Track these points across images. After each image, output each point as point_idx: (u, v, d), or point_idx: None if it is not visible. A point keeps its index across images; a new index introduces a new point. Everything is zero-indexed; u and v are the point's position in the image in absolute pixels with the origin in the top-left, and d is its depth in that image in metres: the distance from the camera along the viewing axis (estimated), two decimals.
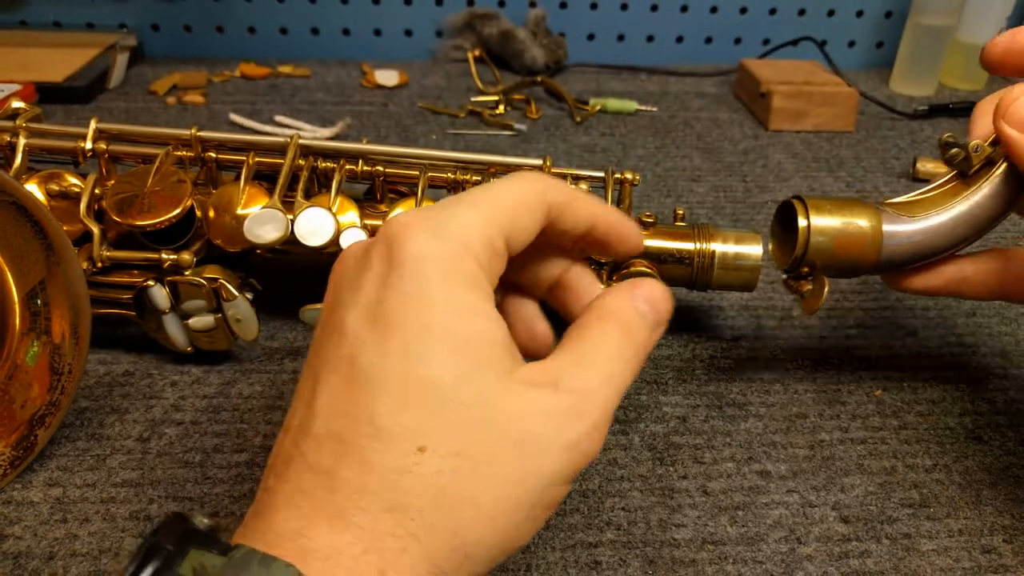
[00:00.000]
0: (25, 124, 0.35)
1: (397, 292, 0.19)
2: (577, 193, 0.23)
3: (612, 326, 0.22)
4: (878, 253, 0.28)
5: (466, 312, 0.19)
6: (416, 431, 0.18)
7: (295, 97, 0.67)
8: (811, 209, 0.28)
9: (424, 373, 0.19)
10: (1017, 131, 0.26)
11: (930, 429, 0.33)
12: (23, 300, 0.29)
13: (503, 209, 0.21)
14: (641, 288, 0.23)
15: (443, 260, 0.19)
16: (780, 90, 0.63)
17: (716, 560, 0.26)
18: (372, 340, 0.19)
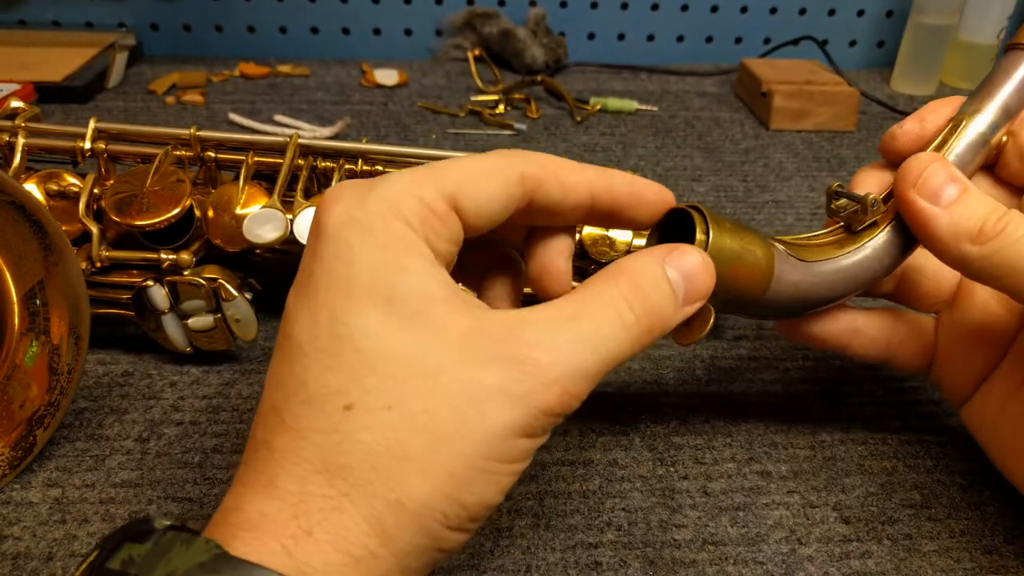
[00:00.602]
0: (24, 124, 0.35)
1: (321, 260, 0.19)
2: (564, 162, 0.22)
3: (620, 283, 0.21)
4: (765, 290, 0.25)
5: (389, 269, 0.19)
6: (342, 391, 0.18)
7: (294, 96, 0.67)
8: (712, 224, 0.23)
9: (347, 333, 0.19)
10: (928, 202, 0.24)
11: (931, 429, 0.33)
12: (22, 300, 0.28)
13: (448, 172, 0.21)
14: (677, 253, 0.22)
15: (365, 221, 0.19)
16: (781, 89, 0.63)
17: (717, 561, 0.26)
18: (302, 311, 0.19)
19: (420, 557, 0.18)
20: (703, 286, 0.22)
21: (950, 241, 0.24)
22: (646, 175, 0.55)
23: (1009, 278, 0.23)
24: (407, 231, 0.20)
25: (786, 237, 0.27)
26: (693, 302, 0.22)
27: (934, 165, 0.24)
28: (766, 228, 0.49)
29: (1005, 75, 0.26)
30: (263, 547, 0.17)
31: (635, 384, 0.35)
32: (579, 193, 0.22)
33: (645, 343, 0.21)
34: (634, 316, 0.21)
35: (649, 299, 0.21)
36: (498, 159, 0.22)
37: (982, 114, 0.26)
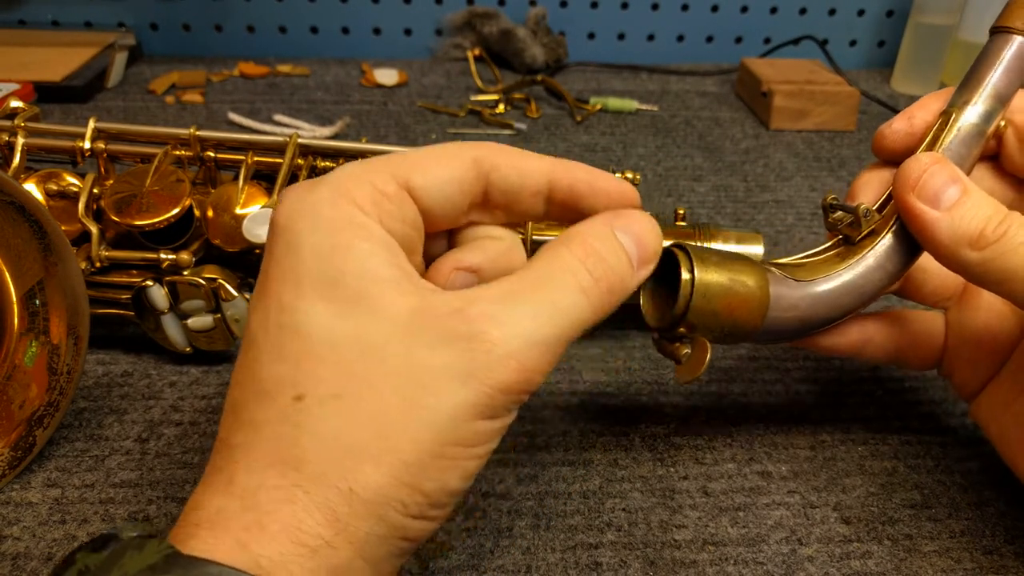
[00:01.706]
0: (23, 123, 0.35)
1: (271, 254, 0.19)
2: (522, 152, 0.22)
3: (573, 248, 0.20)
4: (763, 318, 0.24)
5: (336, 251, 0.19)
6: (293, 381, 0.18)
7: (294, 96, 0.67)
8: (696, 261, 0.24)
9: (292, 322, 0.18)
10: (927, 205, 0.23)
11: (932, 429, 0.33)
12: (21, 300, 0.28)
13: (400, 158, 0.20)
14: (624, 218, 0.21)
15: (313, 208, 0.19)
16: (781, 89, 0.62)
17: (717, 561, 0.26)
18: (256, 306, 0.19)
19: (382, 546, 0.18)
20: (652, 248, 0.22)
21: (950, 246, 0.23)
22: (646, 175, 0.55)
23: (1009, 283, 0.23)
24: (355, 212, 0.19)
25: (784, 259, 0.26)
26: (646, 264, 0.22)
27: (934, 167, 0.24)
28: (766, 228, 0.49)
29: (992, 60, 0.25)
30: (218, 543, 0.17)
31: (635, 384, 0.35)
32: (536, 179, 0.22)
33: (605, 306, 0.20)
34: (592, 278, 0.20)
35: (605, 260, 0.20)
36: (450, 146, 0.21)
37: (974, 104, 0.25)
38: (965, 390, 0.29)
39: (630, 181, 0.36)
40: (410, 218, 0.20)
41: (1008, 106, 0.25)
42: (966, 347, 0.29)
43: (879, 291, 0.26)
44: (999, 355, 0.28)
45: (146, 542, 0.17)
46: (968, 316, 0.29)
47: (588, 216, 0.22)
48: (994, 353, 0.28)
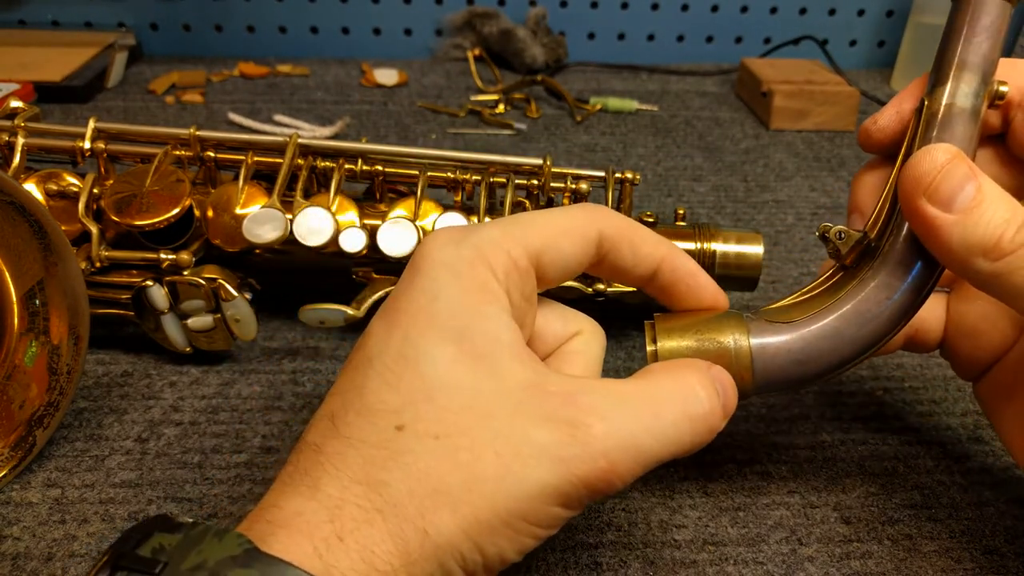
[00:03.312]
0: (23, 123, 0.35)
1: (409, 289, 0.20)
2: (642, 232, 0.23)
3: (687, 377, 0.21)
4: (751, 372, 0.23)
5: (469, 310, 0.20)
6: (397, 410, 0.19)
7: (294, 96, 0.67)
8: (659, 332, 0.23)
9: (415, 356, 0.19)
10: (939, 209, 0.21)
11: (932, 429, 0.33)
12: (21, 300, 0.28)
13: (535, 229, 0.22)
14: (717, 369, 0.22)
15: (455, 264, 0.20)
16: (781, 89, 0.62)
17: (717, 561, 0.26)
18: (380, 330, 0.20)
19: None
20: (732, 403, 0.22)
21: (960, 253, 0.21)
22: (647, 175, 0.55)
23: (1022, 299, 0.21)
24: (491, 280, 0.20)
25: (779, 302, 0.24)
26: (727, 417, 0.22)
27: (952, 163, 0.21)
28: (766, 228, 0.49)
29: (960, 30, 0.23)
30: (296, 546, 0.17)
31: None
32: (648, 264, 0.23)
33: (699, 442, 0.20)
34: (702, 409, 0.20)
35: (711, 399, 0.21)
36: (580, 218, 0.22)
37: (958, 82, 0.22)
38: (966, 373, 0.28)
39: (630, 181, 0.36)
40: (528, 292, 0.22)
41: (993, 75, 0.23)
42: (967, 331, 0.27)
43: (897, 313, 0.23)
44: (1000, 341, 0.27)
45: (226, 532, 0.17)
46: (969, 301, 0.27)
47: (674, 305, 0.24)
48: (995, 339, 0.27)
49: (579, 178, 0.36)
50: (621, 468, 0.19)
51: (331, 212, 0.33)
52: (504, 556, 0.19)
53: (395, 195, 0.37)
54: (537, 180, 0.36)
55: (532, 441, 0.18)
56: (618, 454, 0.19)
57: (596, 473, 0.18)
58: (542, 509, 0.18)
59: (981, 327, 0.27)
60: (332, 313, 0.32)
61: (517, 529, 0.18)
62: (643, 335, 0.38)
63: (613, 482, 0.19)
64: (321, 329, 0.37)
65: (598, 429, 0.19)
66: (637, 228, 0.23)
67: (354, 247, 0.33)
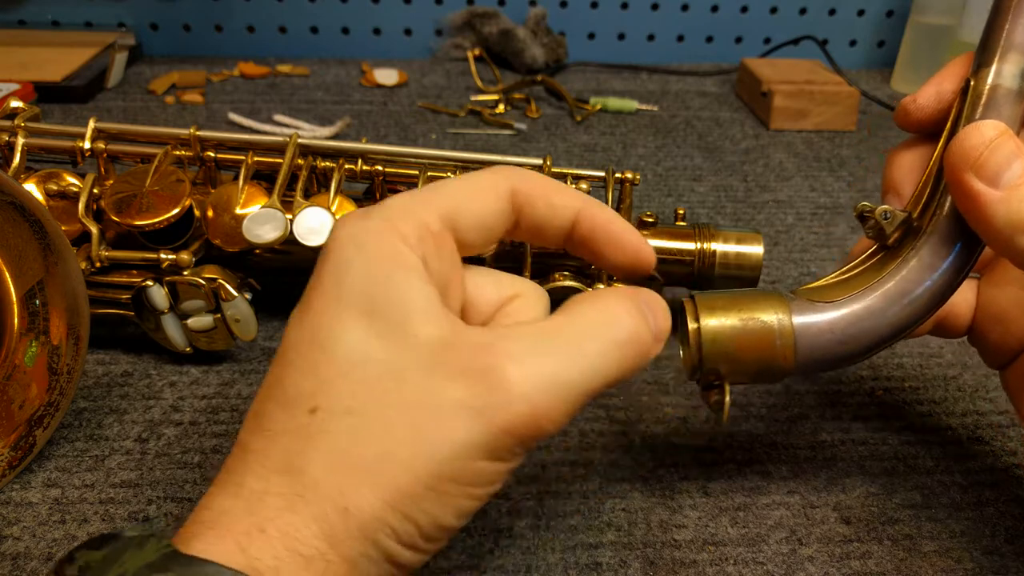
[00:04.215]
0: (23, 123, 0.35)
1: (319, 272, 0.20)
2: (556, 184, 0.22)
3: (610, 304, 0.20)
4: (793, 351, 0.23)
5: (378, 281, 0.19)
6: (312, 394, 0.18)
7: (294, 96, 0.67)
8: (701, 309, 0.23)
9: (327, 338, 0.19)
10: (987, 184, 0.21)
11: (932, 430, 0.33)
12: (21, 300, 0.28)
13: (444, 193, 0.21)
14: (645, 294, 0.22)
15: (361, 238, 0.20)
16: (781, 89, 0.62)
17: (717, 561, 0.26)
18: (294, 319, 0.20)
19: (372, 569, 0.18)
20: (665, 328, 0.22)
21: (1004, 231, 0.21)
22: (647, 175, 0.55)
23: None
24: (401, 246, 0.20)
25: (819, 281, 0.24)
26: (661, 340, 0.21)
27: (999, 139, 0.21)
28: (766, 228, 0.49)
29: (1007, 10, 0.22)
30: (220, 544, 0.17)
31: (635, 384, 0.35)
32: (564, 215, 0.22)
33: (631, 367, 0.20)
34: (627, 333, 0.20)
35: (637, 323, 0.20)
36: (490, 176, 0.22)
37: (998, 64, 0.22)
38: (996, 359, 0.28)
39: (630, 181, 0.36)
40: (448, 256, 0.21)
41: None
42: (997, 317, 0.27)
43: (937, 294, 0.23)
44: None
45: (146, 540, 0.17)
46: (1001, 286, 0.27)
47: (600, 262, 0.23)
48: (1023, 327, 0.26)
49: (579, 178, 0.36)
50: (547, 409, 0.18)
51: (331, 212, 0.33)
52: (440, 522, 0.18)
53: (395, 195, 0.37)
54: None
55: (447, 399, 0.18)
56: (539, 395, 0.18)
57: (518, 419, 0.18)
58: (468, 467, 0.18)
59: (1011, 313, 0.26)
60: None
61: (446, 492, 0.18)
62: None
63: (541, 425, 0.18)
64: None
65: (513, 373, 0.18)
66: (549, 181, 0.22)
67: None
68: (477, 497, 0.19)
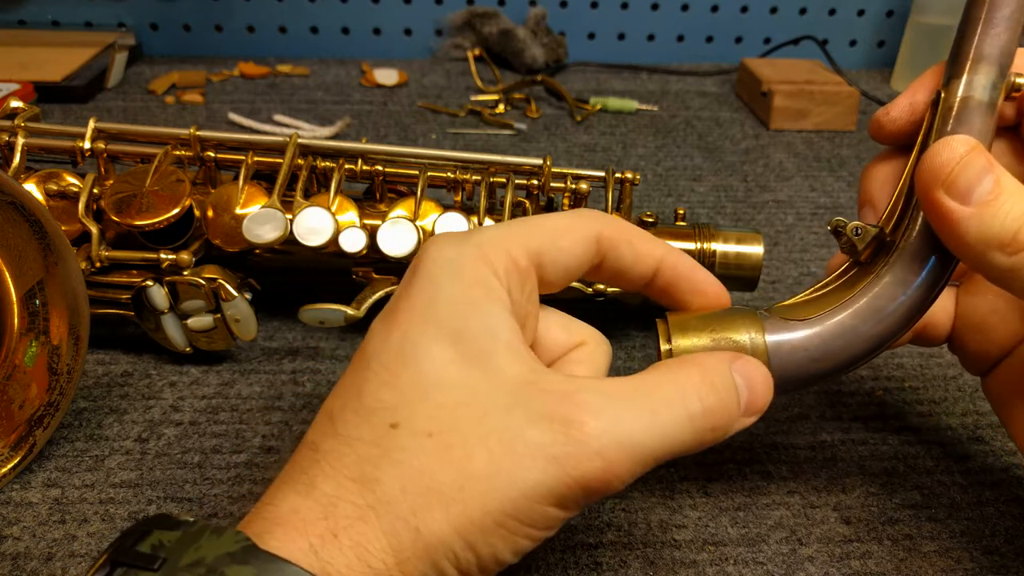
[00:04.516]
0: (23, 123, 0.35)
1: (408, 289, 0.20)
2: (640, 232, 0.23)
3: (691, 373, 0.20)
4: None
5: (468, 308, 0.20)
6: (393, 408, 0.19)
7: (294, 96, 0.67)
8: (673, 330, 0.23)
9: (413, 355, 0.19)
10: (957, 202, 0.20)
11: (932, 430, 0.33)
12: (21, 300, 0.28)
13: (535, 230, 0.22)
14: (743, 362, 0.21)
15: (454, 263, 0.20)
16: (781, 89, 0.62)
17: (717, 561, 0.26)
18: (380, 330, 0.20)
19: None
20: (762, 400, 0.21)
21: (976, 247, 0.21)
22: (647, 175, 0.55)
23: None
24: (491, 277, 0.20)
25: (793, 299, 0.24)
26: (752, 414, 0.21)
27: (970, 155, 0.21)
28: (766, 228, 0.49)
29: (977, 21, 0.22)
30: (292, 543, 0.17)
31: None
32: (648, 263, 0.23)
33: (705, 441, 0.20)
34: (701, 407, 0.20)
35: (719, 395, 0.20)
36: (579, 219, 0.22)
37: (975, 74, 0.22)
38: (974, 368, 0.28)
39: (630, 181, 0.36)
40: (529, 292, 0.22)
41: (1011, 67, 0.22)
42: (976, 326, 0.27)
43: (911, 310, 0.23)
44: (1010, 335, 0.26)
45: (223, 530, 0.17)
46: (979, 295, 0.27)
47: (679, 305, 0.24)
48: (1004, 333, 0.26)
49: (579, 178, 0.36)
50: (618, 467, 0.18)
51: (331, 212, 0.33)
52: (499, 556, 0.18)
53: (395, 195, 0.37)
54: (537, 180, 0.36)
55: (526, 439, 0.18)
56: (614, 453, 0.18)
57: (591, 472, 0.18)
58: (536, 509, 0.18)
59: (990, 321, 0.27)
60: (332, 313, 0.32)
61: (511, 529, 0.18)
62: (643, 335, 0.38)
63: (610, 481, 0.18)
64: (321, 329, 0.37)
65: (593, 427, 0.18)
66: (635, 229, 0.23)
67: (354, 247, 0.33)
68: (535, 538, 0.19)
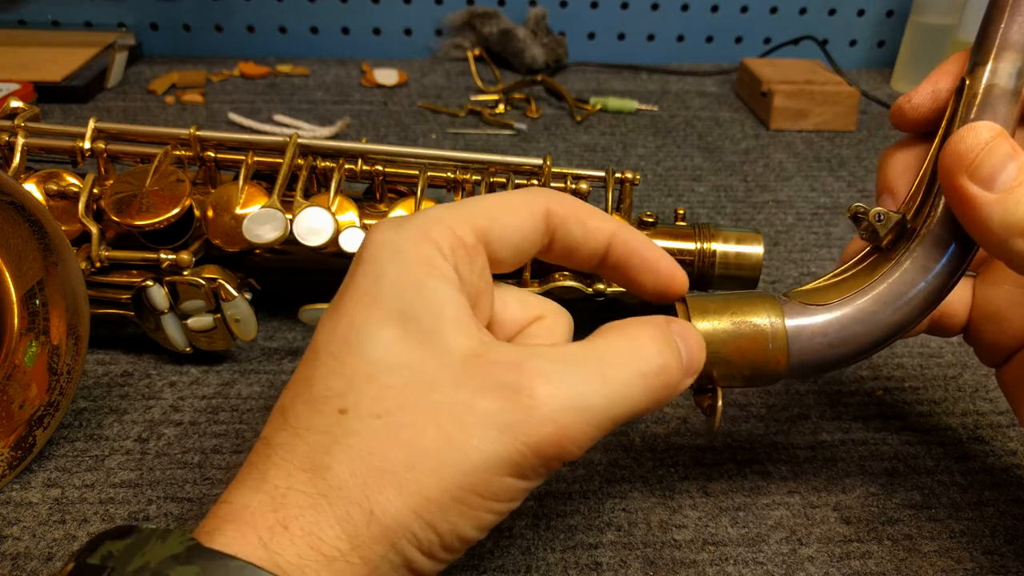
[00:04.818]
0: (23, 123, 0.35)
1: (353, 276, 0.20)
2: (590, 209, 0.23)
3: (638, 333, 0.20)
4: (786, 354, 0.22)
5: (411, 287, 0.19)
6: (341, 395, 0.19)
7: (294, 96, 0.67)
8: (693, 312, 0.23)
9: (358, 340, 0.19)
10: (981, 187, 0.20)
11: (932, 429, 0.33)
12: (21, 300, 0.28)
13: (480, 208, 0.21)
14: (680, 325, 0.22)
15: (397, 244, 0.20)
16: (781, 89, 0.62)
17: (717, 561, 0.26)
18: (327, 320, 0.20)
19: (392, 573, 0.18)
20: (698, 361, 0.22)
21: (1000, 234, 0.20)
22: (647, 175, 0.55)
23: None
24: (435, 254, 0.20)
25: (811, 284, 0.24)
26: (691, 375, 0.22)
27: (994, 141, 0.20)
28: (766, 228, 0.49)
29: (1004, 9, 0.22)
30: (242, 539, 0.17)
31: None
32: (598, 239, 0.23)
33: (658, 398, 0.20)
34: (654, 365, 0.20)
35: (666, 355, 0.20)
36: (525, 195, 0.22)
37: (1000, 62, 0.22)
38: (989, 359, 0.28)
39: (630, 181, 0.36)
40: (479, 269, 0.21)
41: None
42: (992, 316, 0.27)
43: (930, 296, 0.22)
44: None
45: (169, 533, 0.17)
46: (996, 284, 0.27)
47: (632, 286, 0.24)
48: (1021, 324, 0.26)
49: (579, 178, 0.36)
50: (572, 431, 0.18)
51: (331, 212, 0.33)
52: (461, 533, 0.18)
53: (395, 195, 0.37)
54: (537, 180, 0.36)
55: (475, 411, 0.18)
56: (566, 417, 0.18)
57: (545, 439, 0.18)
58: (493, 481, 0.18)
59: (1007, 312, 0.26)
60: None
61: (470, 504, 0.18)
62: None
63: (565, 447, 0.18)
64: None
65: (542, 392, 0.18)
66: (584, 204, 0.23)
67: (354, 247, 0.33)
68: (498, 512, 0.19)
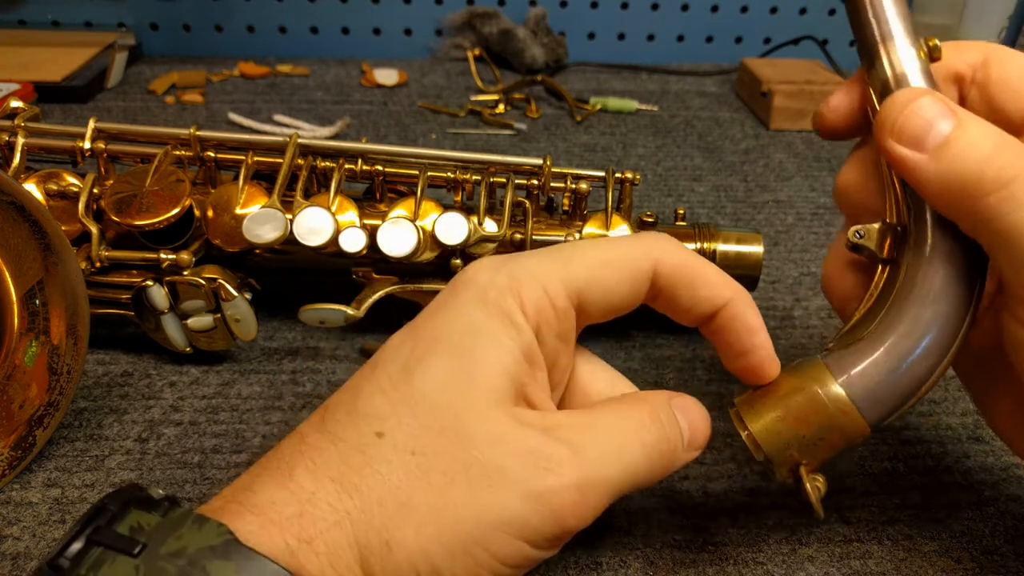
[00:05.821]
0: (23, 123, 0.35)
1: (436, 306, 0.21)
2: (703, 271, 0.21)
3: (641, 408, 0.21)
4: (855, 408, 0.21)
5: (480, 335, 0.20)
6: (382, 417, 0.19)
7: (294, 96, 0.67)
8: (746, 417, 0.22)
9: (415, 369, 0.19)
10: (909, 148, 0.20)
11: (932, 429, 0.33)
12: (21, 300, 0.28)
13: (580, 262, 0.21)
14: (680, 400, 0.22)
15: (486, 289, 0.20)
16: (781, 89, 0.62)
17: (717, 561, 0.26)
18: (396, 340, 0.21)
19: None
20: (702, 434, 0.22)
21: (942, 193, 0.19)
22: (647, 175, 0.55)
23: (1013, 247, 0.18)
24: (516, 312, 0.20)
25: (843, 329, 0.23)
26: (695, 448, 0.22)
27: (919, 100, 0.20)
28: (766, 228, 0.49)
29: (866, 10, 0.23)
30: (269, 539, 0.17)
31: (636, 384, 0.35)
32: (704, 309, 0.22)
33: (657, 471, 0.21)
34: (653, 438, 0.21)
35: (666, 429, 0.21)
36: (633, 248, 0.21)
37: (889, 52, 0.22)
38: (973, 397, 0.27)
39: (630, 181, 0.36)
40: (565, 331, 0.21)
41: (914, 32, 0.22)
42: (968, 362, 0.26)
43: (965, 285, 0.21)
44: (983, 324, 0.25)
45: (205, 520, 0.17)
46: None
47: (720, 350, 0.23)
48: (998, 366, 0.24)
49: (579, 178, 0.36)
50: (592, 500, 0.19)
51: (331, 212, 0.33)
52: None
53: (395, 195, 0.37)
54: (537, 180, 0.36)
55: (505, 472, 0.18)
56: (588, 486, 0.19)
57: (568, 506, 0.19)
58: (507, 542, 0.18)
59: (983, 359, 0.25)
60: (332, 313, 0.32)
61: (477, 559, 0.18)
62: (643, 335, 0.38)
63: (584, 515, 0.19)
64: (321, 329, 0.37)
65: (573, 467, 0.19)
66: (697, 264, 0.21)
67: (354, 247, 0.33)
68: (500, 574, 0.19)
